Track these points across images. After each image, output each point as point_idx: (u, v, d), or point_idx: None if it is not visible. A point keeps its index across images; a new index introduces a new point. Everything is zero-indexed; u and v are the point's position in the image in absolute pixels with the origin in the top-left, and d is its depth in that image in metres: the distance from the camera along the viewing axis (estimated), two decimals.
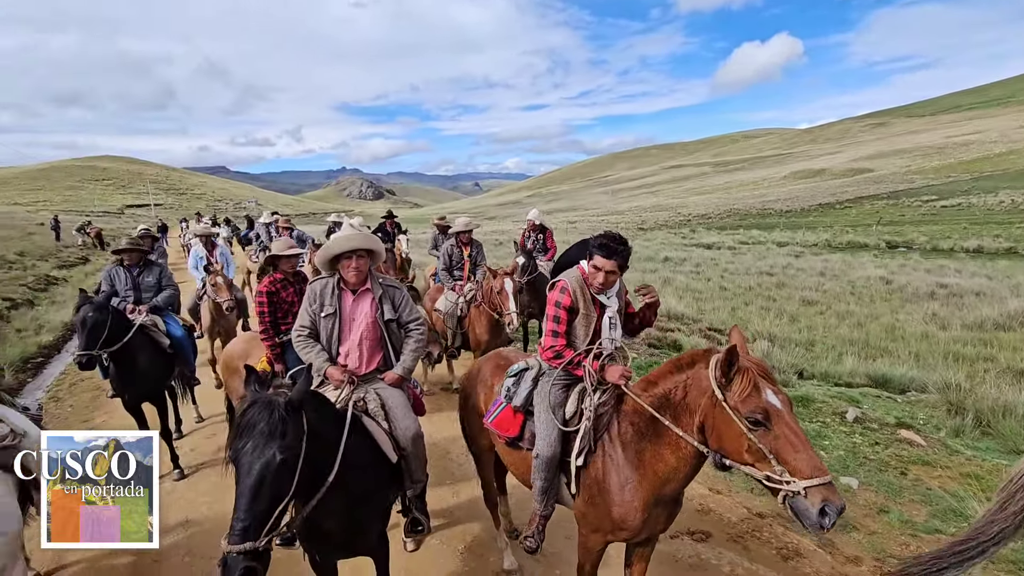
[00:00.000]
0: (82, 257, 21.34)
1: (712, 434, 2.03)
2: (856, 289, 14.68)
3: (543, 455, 2.52)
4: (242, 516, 1.76)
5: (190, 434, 5.47)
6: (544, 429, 2.55)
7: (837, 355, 8.55)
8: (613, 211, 71.01)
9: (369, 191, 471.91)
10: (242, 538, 1.74)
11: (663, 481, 2.25)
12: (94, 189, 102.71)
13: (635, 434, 2.32)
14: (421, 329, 3.08)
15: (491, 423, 2.87)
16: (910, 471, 4.36)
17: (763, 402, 1.88)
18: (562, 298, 2.56)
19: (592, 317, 2.58)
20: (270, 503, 1.81)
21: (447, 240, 6.98)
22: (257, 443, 1.83)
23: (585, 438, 2.44)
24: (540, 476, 2.56)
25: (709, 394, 2.01)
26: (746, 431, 1.88)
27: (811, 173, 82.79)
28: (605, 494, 2.37)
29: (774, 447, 1.84)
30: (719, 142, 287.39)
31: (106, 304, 4.23)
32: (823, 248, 26.27)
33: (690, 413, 2.10)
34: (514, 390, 2.75)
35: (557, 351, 2.57)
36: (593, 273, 2.52)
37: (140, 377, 4.45)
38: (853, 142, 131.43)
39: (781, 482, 1.80)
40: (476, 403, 3.15)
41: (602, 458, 2.40)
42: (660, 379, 2.27)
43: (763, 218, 46.47)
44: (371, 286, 2.95)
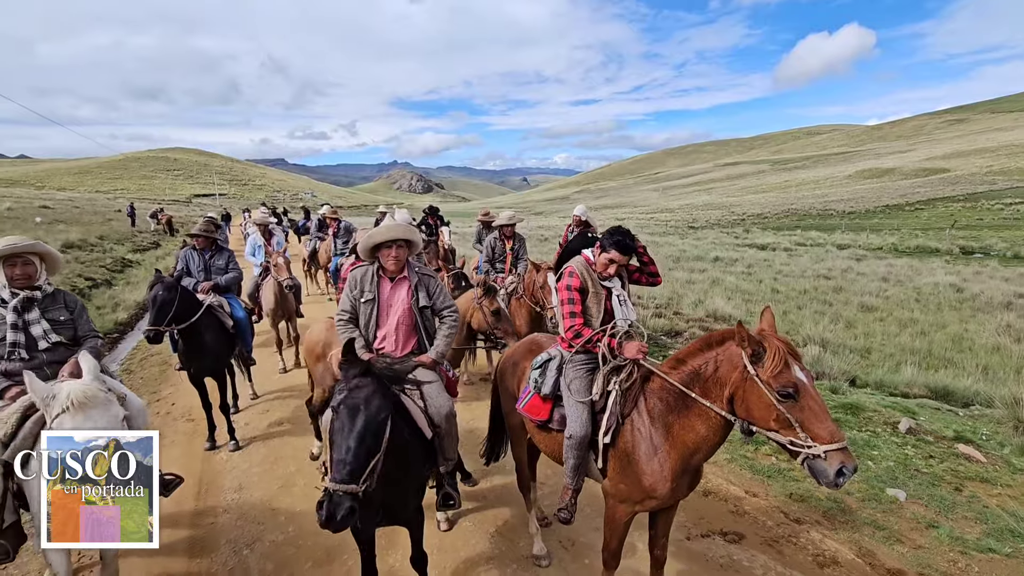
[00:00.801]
0: (154, 242, 22.86)
1: (741, 405, 2.20)
2: (922, 296, 13.84)
3: (576, 435, 2.68)
4: (349, 460, 1.98)
5: (245, 410, 5.83)
6: (574, 412, 2.72)
7: (895, 364, 8.13)
8: (663, 208, 69.46)
9: (419, 184, 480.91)
10: (349, 479, 1.96)
11: (692, 451, 2.41)
12: (165, 179, 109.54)
13: (663, 408, 2.48)
14: (454, 316, 3.21)
15: (522, 408, 3.04)
16: (966, 487, 4.13)
17: (793, 377, 2.07)
18: (571, 280, 2.78)
19: (601, 295, 2.81)
20: (368, 454, 2.04)
21: (490, 233, 7.08)
22: (367, 399, 2.08)
23: (612, 417, 2.61)
24: (572, 455, 2.73)
25: (740, 369, 2.18)
26: (776, 403, 2.07)
27: (879, 172, 78.14)
28: (635, 465, 2.52)
29: (799, 417, 2.04)
30: (779, 139, 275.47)
31: (175, 284, 4.59)
32: (888, 252, 24.79)
33: (720, 386, 2.27)
34: (541, 380, 2.91)
35: (577, 330, 2.74)
36: (605, 264, 2.76)
37: (206, 353, 4.82)
38: (928, 140, 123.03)
39: (803, 446, 2.02)
40: (510, 384, 3.34)
41: (631, 432, 2.56)
42: (690, 356, 2.42)
43: (823, 219, 44.31)
44: (408, 274, 3.10)
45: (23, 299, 2.96)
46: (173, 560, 3.42)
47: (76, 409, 2.20)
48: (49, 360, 2.98)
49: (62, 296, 3.18)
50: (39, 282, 3.07)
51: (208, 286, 5.10)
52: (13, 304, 2.93)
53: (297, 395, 6.13)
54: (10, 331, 2.90)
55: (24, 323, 2.96)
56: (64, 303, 3.15)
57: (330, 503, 1.92)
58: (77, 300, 3.27)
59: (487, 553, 3.47)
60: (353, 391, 2.11)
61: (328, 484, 1.96)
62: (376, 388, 2.14)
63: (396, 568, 3.26)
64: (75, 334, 3.15)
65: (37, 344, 2.98)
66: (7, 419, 2.56)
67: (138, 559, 3.32)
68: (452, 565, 3.35)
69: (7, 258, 2.94)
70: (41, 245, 3.09)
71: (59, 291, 3.18)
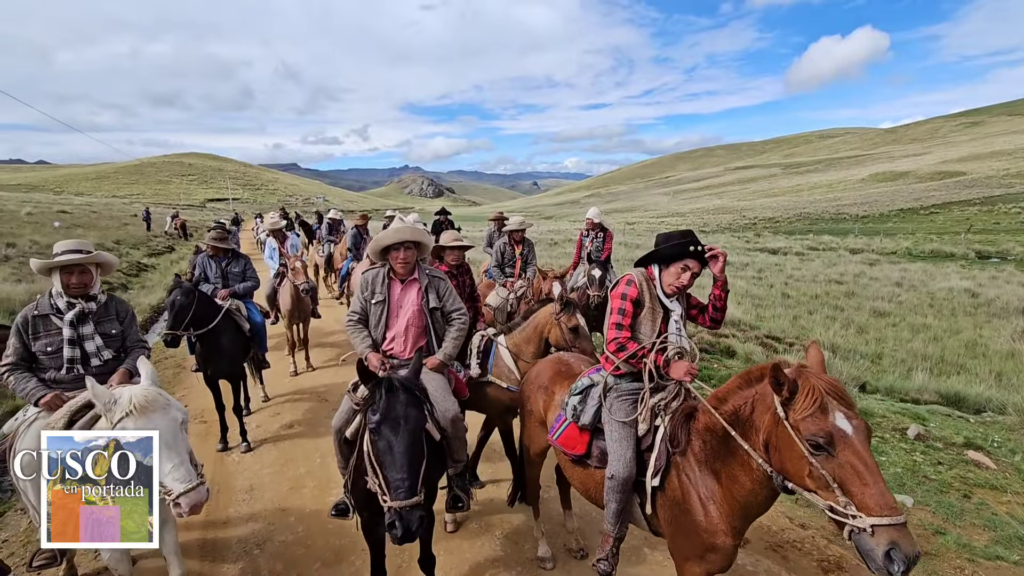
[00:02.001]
0: (169, 247, 23.21)
1: (775, 454, 1.93)
2: (936, 301, 13.68)
3: (619, 476, 2.42)
4: (406, 475, 2.07)
5: (257, 412, 5.92)
6: (618, 449, 2.46)
7: (906, 370, 8.07)
8: (674, 212, 69.18)
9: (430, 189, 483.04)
10: (411, 493, 2.05)
11: (743, 505, 2.13)
12: (180, 183, 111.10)
13: (709, 452, 2.22)
14: (463, 319, 3.24)
15: (556, 440, 2.80)
16: (974, 494, 4.11)
17: (828, 424, 1.75)
18: (628, 290, 2.52)
19: (658, 314, 2.52)
20: (418, 463, 2.14)
21: (500, 238, 7.13)
22: (404, 414, 2.16)
23: (661, 457, 2.34)
24: (614, 498, 2.47)
25: (772, 411, 1.92)
26: (807, 454, 1.76)
27: (893, 176, 77.24)
28: (687, 515, 2.24)
29: (838, 475, 1.71)
30: (791, 142, 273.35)
31: (193, 290, 4.72)
32: (902, 256, 24.52)
33: (756, 430, 2.01)
34: (580, 408, 2.68)
35: (620, 343, 2.50)
36: (678, 272, 2.47)
37: (223, 355, 4.95)
38: (943, 143, 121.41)
39: (846, 515, 1.67)
40: (535, 408, 3.14)
41: (678, 477, 2.29)
42: (730, 394, 2.17)
43: (836, 223, 43.90)
44: (418, 276, 3.15)
45: (79, 313, 2.93)
46: (186, 560, 3.49)
47: (139, 413, 2.23)
48: (98, 374, 2.95)
49: (114, 305, 3.13)
50: (94, 291, 3.03)
51: (226, 293, 5.22)
52: (69, 319, 2.90)
53: (308, 398, 6.22)
54: (67, 347, 2.89)
55: (79, 337, 2.93)
56: (116, 313, 3.12)
57: (401, 520, 2.02)
58: (128, 308, 3.23)
59: (493, 555, 3.51)
60: (390, 408, 2.17)
61: (393, 504, 2.04)
62: (408, 400, 2.20)
63: (404, 569, 3.31)
64: (123, 344, 3.14)
65: (90, 360, 2.97)
66: (55, 422, 2.62)
67: (150, 562, 3.40)
68: (458, 566, 3.39)
69: (65, 265, 2.90)
70: (102, 255, 3.05)
71: (111, 299, 3.16)
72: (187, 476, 2.23)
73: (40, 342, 2.90)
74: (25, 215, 25.51)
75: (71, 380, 2.94)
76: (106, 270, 3.19)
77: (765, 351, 8.48)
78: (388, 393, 2.20)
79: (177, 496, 2.19)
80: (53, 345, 2.90)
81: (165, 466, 2.22)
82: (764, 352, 8.37)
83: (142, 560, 3.29)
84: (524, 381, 3.37)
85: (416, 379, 2.37)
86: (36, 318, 2.91)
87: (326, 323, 8.64)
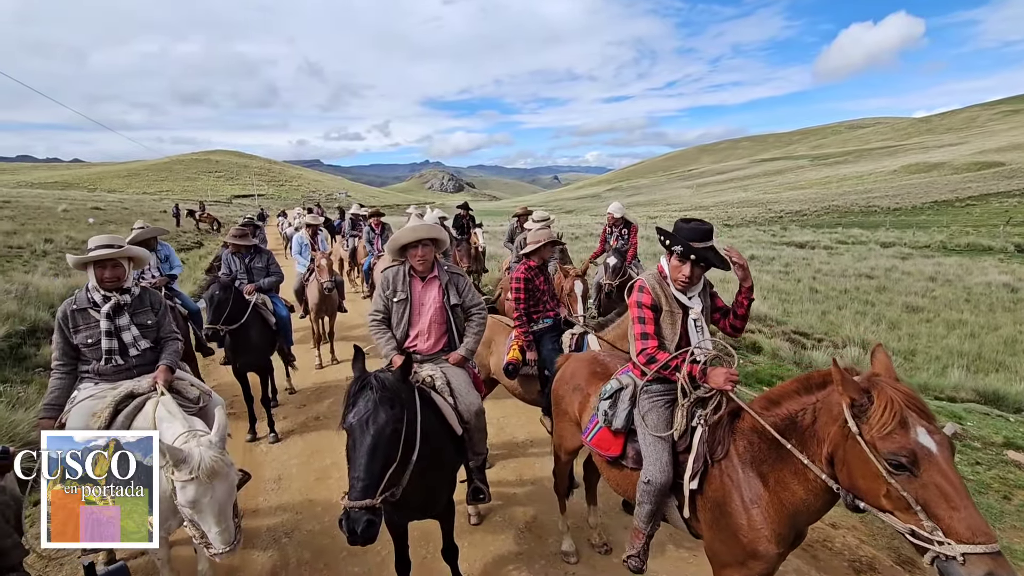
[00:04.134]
0: (197, 241, 23.75)
1: (843, 470, 1.77)
2: (972, 296, 13.24)
3: (655, 481, 2.33)
4: (362, 476, 2.01)
5: (284, 404, 6.03)
6: (654, 453, 2.37)
7: (941, 367, 7.83)
8: (697, 206, 68.20)
9: (450, 184, 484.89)
10: (363, 495, 1.99)
11: (791, 513, 1.99)
12: (207, 180, 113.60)
13: (756, 455, 2.09)
14: (482, 314, 3.27)
15: (590, 441, 2.76)
16: (1015, 496, 3.96)
17: (910, 442, 1.59)
18: (641, 296, 2.43)
19: (677, 315, 2.42)
20: (383, 466, 2.07)
21: (521, 234, 7.10)
22: (372, 413, 2.09)
23: (699, 460, 2.22)
24: (649, 500, 2.38)
25: (840, 423, 1.75)
26: (885, 474, 1.61)
27: (926, 167, 74.79)
28: (729, 518, 2.12)
29: (922, 497, 1.56)
30: (819, 133, 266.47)
31: (230, 284, 4.88)
32: (936, 250, 23.74)
33: (818, 442, 1.85)
34: (611, 412, 2.60)
35: (650, 355, 2.39)
36: (677, 266, 2.38)
37: (251, 349, 5.08)
38: (980, 132, 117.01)
39: (931, 540, 1.53)
40: (569, 408, 3.06)
41: (720, 478, 2.17)
42: (784, 398, 2.03)
43: (866, 216, 42.70)
44: (438, 273, 3.15)
45: (114, 305, 3.00)
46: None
47: (204, 479, 2.30)
48: (137, 363, 3.07)
49: (148, 297, 3.21)
50: (127, 284, 3.11)
51: (252, 288, 5.32)
52: (106, 311, 2.98)
53: (333, 391, 6.31)
54: (105, 338, 2.98)
55: (116, 328, 3.01)
56: (150, 304, 3.19)
57: (348, 520, 1.97)
58: (162, 300, 3.29)
59: (516, 549, 3.51)
60: (357, 407, 2.12)
61: (344, 502, 2.01)
62: (379, 399, 2.11)
63: (428, 559, 3.35)
64: (158, 335, 3.20)
65: (128, 350, 3.05)
66: (100, 413, 2.73)
67: (185, 549, 3.49)
68: (482, 559, 3.41)
69: (98, 260, 2.99)
70: (133, 249, 3.13)
71: (145, 291, 3.24)
72: (228, 540, 2.38)
73: (81, 335, 2.99)
74: (61, 212, 26.38)
75: (112, 371, 3.03)
76: (138, 264, 3.28)
77: (792, 347, 8.31)
78: (360, 391, 2.16)
79: (214, 554, 2.37)
80: (93, 337, 2.99)
81: (212, 528, 2.36)
82: (791, 348, 8.20)
83: (177, 545, 3.37)
84: (557, 379, 3.28)
85: (400, 380, 2.27)
86: (75, 312, 3.00)
87: (351, 317, 8.74)
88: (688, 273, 2.35)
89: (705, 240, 2.35)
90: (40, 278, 9.87)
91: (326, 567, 3.37)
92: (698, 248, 2.31)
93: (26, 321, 7.37)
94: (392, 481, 2.11)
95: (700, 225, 2.38)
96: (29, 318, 7.48)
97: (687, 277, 2.36)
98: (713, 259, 2.34)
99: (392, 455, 2.11)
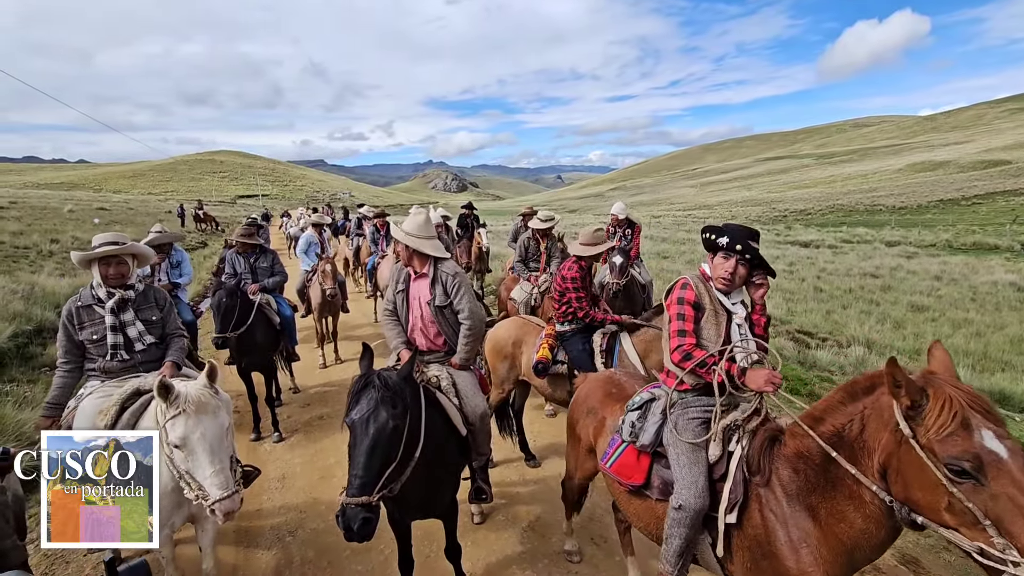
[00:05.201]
0: (201, 242, 23.84)
1: (897, 480, 1.59)
2: (978, 296, 13.16)
3: (690, 506, 2.07)
4: (360, 473, 2.03)
5: (287, 404, 6.05)
6: (688, 475, 2.12)
7: None
8: (700, 205, 68.00)
9: (453, 183, 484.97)
10: (360, 492, 2.01)
11: (848, 549, 1.76)
12: (212, 180, 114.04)
13: (803, 484, 1.87)
14: (468, 323, 3.04)
15: (610, 468, 2.49)
16: None
17: (974, 445, 1.43)
18: (685, 293, 2.29)
19: (721, 318, 2.27)
20: (382, 464, 2.08)
21: (524, 233, 7.10)
22: (373, 412, 2.10)
23: (737, 487, 2.00)
24: (679, 533, 2.11)
25: (892, 427, 1.59)
26: (946, 482, 1.45)
27: (932, 165, 74.37)
28: (772, 560, 1.88)
29: (991, 510, 1.39)
30: (823, 132, 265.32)
31: (236, 290, 4.92)
32: (942, 249, 23.61)
33: (868, 453, 1.68)
34: (640, 425, 2.38)
35: (686, 351, 2.20)
36: (720, 262, 2.25)
37: (255, 349, 5.10)
38: (987, 130, 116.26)
39: (1004, 561, 1.35)
40: (583, 434, 2.85)
41: (760, 511, 1.94)
42: (828, 412, 1.84)
43: (871, 215, 42.51)
44: (428, 270, 3.07)
45: (119, 300, 3.02)
46: (222, 548, 3.59)
47: (191, 413, 2.30)
48: (143, 360, 3.09)
49: (152, 293, 3.22)
50: (131, 280, 3.13)
51: (256, 288, 5.34)
52: (110, 306, 2.99)
53: (336, 390, 6.33)
54: (110, 333, 3.00)
55: (121, 323, 3.03)
56: (155, 300, 3.20)
57: (344, 516, 1.99)
58: (166, 296, 3.31)
59: (519, 548, 3.52)
60: (360, 405, 2.14)
61: (341, 498, 2.03)
62: (380, 398, 2.12)
63: (431, 558, 3.35)
64: (163, 332, 3.22)
65: (134, 345, 3.07)
66: (107, 410, 2.74)
67: (190, 548, 3.51)
68: (485, 558, 3.41)
69: (102, 257, 3.01)
70: (135, 246, 3.14)
71: (149, 287, 3.25)
72: (225, 483, 2.30)
73: (86, 331, 3.01)
74: (67, 212, 26.53)
75: (118, 368, 3.04)
76: (142, 261, 3.30)
77: (796, 346, 8.28)
78: (363, 389, 2.17)
79: (213, 502, 2.26)
80: (98, 334, 3.01)
81: (206, 470, 2.29)
82: (795, 347, 8.17)
83: (181, 544, 3.39)
84: (572, 403, 3.07)
85: (401, 380, 2.25)
86: (80, 309, 3.02)
87: (354, 317, 8.78)
88: (731, 269, 2.22)
89: (752, 239, 2.23)
90: (46, 278, 9.95)
91: (330, 565, 3.39)
92: (745, 241, 2.19)
93: (32, 321, 7.43)
94: (391, 479, 2.12)
95: (746, 227, 2.29)
96: (35, 318, 7.54)
97: (729, 274, 2.22)
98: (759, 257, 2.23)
99: (391, 454, 2.12)
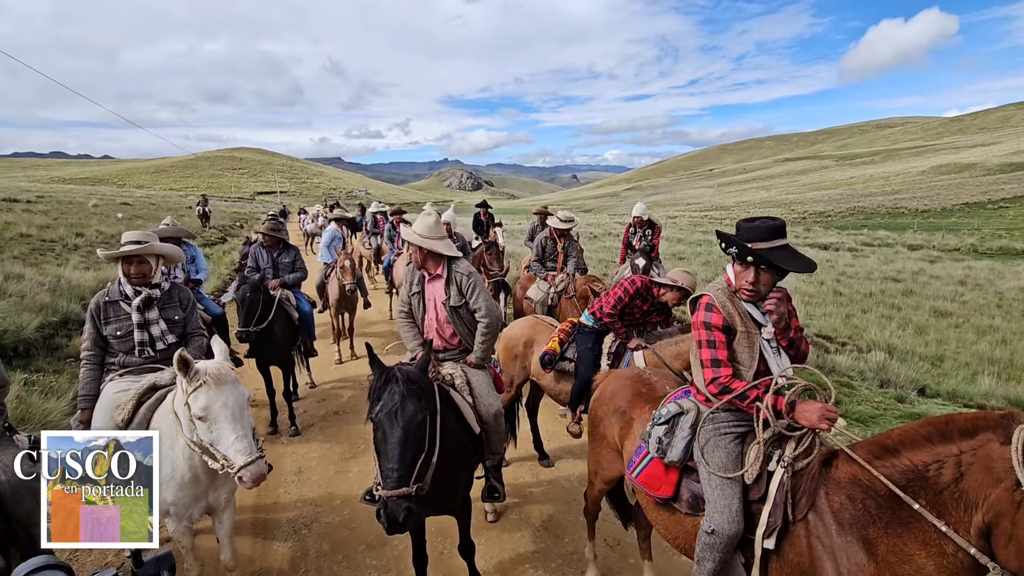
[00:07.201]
0: (222, 237, 24.20)
1: (1008, 546, 1.36)
2: (1004, 301, 12.86)
3: (723, 532, 1.92)
4: (396, 466, 2.05)
5: (305, 398, 6.12)
6: (721, 497, 1.96)
7: (971, 373, 7.63)
8: (717, 206, 67.29)
9: (468, 182, 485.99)
10: (399, 484, 2.04)
11: None
12: (231, 177, 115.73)
13: (860, 515, 1.68)
14: (485, 321, 3.05)
15: (636, 478, 2.33)
16: None
17: None
18: (710, 316, 2.04)
19: (755, 336, 2.03)
20: (414, 455, 2.11)
21: (541, 232, 7.10)
22: (400, 405, 2.13)
23: (777, 511, 1.84)
24: (712, 557, 1.96)
25: (1007, 485, 1.37)
26: None
27: (957, 167, 72.68)
28: None
29: None
30: (844, 132, 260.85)
31: (259, 285, 4.99)
32: (967, 253, 23.10)
33: (966, 507, 1.47)
34: (667, 441, 2.19)
35: (723, 384, 2.00)
36: (739, 272, 2.01)
37: (274, 343, 5.16)
38: (1015, 131, 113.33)
39: None
40: (608, 433, 2.71)
41: (806, 540, 1.77)
42: (907, 446, 1.62)
43: (894, 218, 41.68)
44: (442, 271, 3.07)
45: (144, 298, 3.08)
46: (239, 539, 3.63)
47: (212, 385, 2.37)
48: (162, 357, 3.15)
49: (177, 293, 3.28)
50: (156, 279, 3.17)
51: (277, 284, 5.41)
52: (136, 304, 3.06)
53: (352, 386, 6.39)
54: (136, 330, 3.07)
55: (146, 321, 3.10)
56: (179, 300, 3.26)
57: (387, 510, 2.02)
58: (189, 296, 3.36)
59: (532, 547, 3.52)
60: (384, 400, 2.16)
61: (381, 492, 2.04)
62: (406, 392, 2.16)
63: (445, 555, 3.37)
64: (184, 331, 3.28)
65: (156, 343, 3.14)
66: (124, 405, 2.81)
67: (208, 539, 3.57)
68: (498, 556, 3.42)
69: (125, 255, 3.06)
70: (157, 246, 3.17)
71: (174, 286, 3.30)
72: (248, 448, 2.33)
73: (110, 326, 3.07)
74: (92, 207, 27.10)
75: (139, 364, 3.11)
76: (169, 261, 3.36)
77: (815, 350, 8.16)
78: (385, 384, 2.19)
79: (239, 469, 2.29)
80: (122, 330, 3.08)
81: (229, 437, 2.33)
82: (814, 352, 8.05)
83: (200, 535, 3.45)
84: (595, 398, 2.93)
85: (421, 373, 2.31)
86: (107, 304, 3.09)
87: (370, 313, 8.84)
88: (752, 279, 1.99)
89: (769, 238, 1.95)
90: (72, 271, 10.17)
91: (345, 559, 3.42)
92: (758, 249, 1.93)
93: (58, 312, 7.60)
94: (422, 470, 2.16)
95: (765, 222, 1.99)
96: (61, 309, 7.71)
97: (751, 284, 1.99)
98: (778, 261, 1.93)
99: (421, 444, 2.16)
